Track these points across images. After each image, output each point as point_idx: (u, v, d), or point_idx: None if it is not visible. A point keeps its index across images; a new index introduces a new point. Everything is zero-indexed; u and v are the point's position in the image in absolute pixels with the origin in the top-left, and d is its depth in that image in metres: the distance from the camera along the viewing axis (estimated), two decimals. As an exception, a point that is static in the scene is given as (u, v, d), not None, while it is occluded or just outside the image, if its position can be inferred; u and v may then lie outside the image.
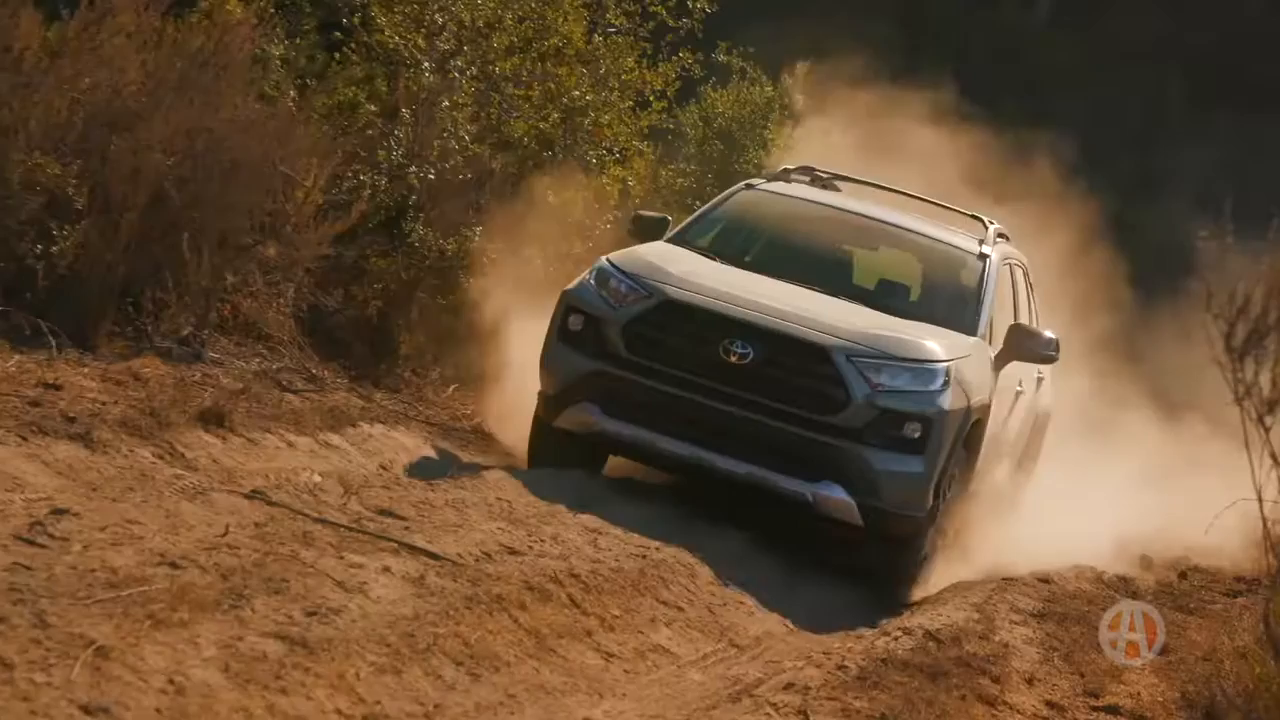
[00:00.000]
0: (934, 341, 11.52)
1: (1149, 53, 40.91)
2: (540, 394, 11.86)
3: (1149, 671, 9.73)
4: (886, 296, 12.70)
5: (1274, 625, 6.23)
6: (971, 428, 11.59)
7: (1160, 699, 9.14)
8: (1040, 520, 13.99)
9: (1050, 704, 8.68)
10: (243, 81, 13.23)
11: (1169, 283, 18.31)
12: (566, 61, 16.36)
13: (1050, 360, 12.93)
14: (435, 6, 14.72)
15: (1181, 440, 17.25)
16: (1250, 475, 6.04)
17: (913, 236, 13.51)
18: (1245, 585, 13.00)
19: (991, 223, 13.62)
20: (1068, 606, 11.15)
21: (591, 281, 11.69)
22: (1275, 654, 6.24)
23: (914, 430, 10.98)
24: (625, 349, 11.33)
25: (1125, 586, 12.57)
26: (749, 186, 13.77)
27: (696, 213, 13.53)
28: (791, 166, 14.19)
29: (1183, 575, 13.58)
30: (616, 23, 17.21)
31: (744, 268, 12.39)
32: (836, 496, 11.10)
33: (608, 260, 11.82)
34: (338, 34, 15.02)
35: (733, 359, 11.05)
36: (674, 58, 18.15)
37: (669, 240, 12.76)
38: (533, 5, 15.91)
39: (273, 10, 14.77)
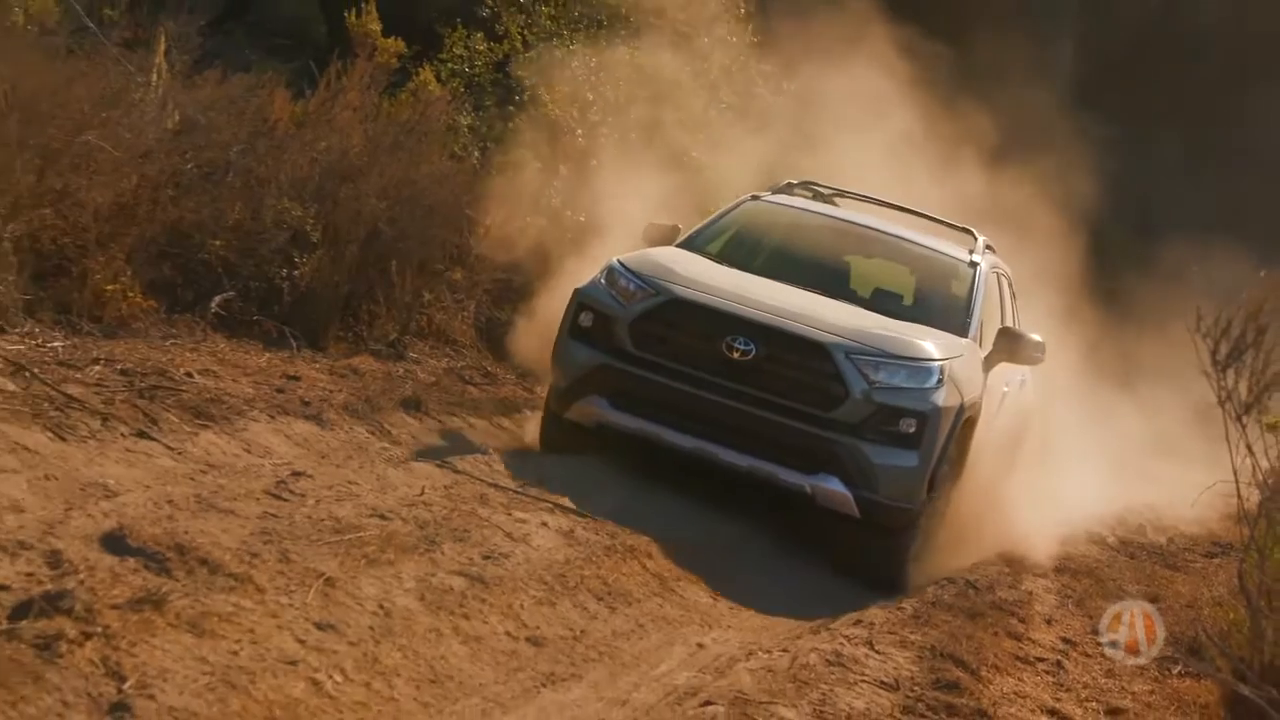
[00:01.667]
0: (929, 341, 9.94)
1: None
2: (551, 387, 10.38)
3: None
4: (883, 300, 11.13)
5: (1246, 581, 6.15)
6: (963, 424, 9.95)
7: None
8: (1052, 499, 12.61)
9: (1064, 639, 8.60)
10: (439, 144, 13.41)
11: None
12: (689, 129, 16.22)
13: (1036, 362, 11.13)
14: (586, 87, 14.74)
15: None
16: (1230, 462, 6.00)
17: (908, 246, 11.77)
18: (1220, 549, 12.79)
19: (980, 235, 11.99)
20: (1079, 564, 11.02)
21: (602, 281, 10.11)
22: (1247, 603, 6.17)
23: (909, 426, 9.44)
24: (633, 345, 9.74)
25: (1125, 549, 12.39)
26: (754, 198, 11.96)
27: (704, 221, 11.78)
28: (795, 181, 12.47)
29: (1170, 540, 13.36)
30: (726, 100, 17.00)
31: (748, 271, 10.74)
32: (834, 489, 9.44)
33: (618, 261, 10.24)
34: (511, 108, 15.08)
35: (735, 355, 9.49)
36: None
37: (678, 246, 11.12)
38: (663, 86, 15.87)
39: (462, 90, 14.93)
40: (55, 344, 8.48)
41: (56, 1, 10.77)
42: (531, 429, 10.99)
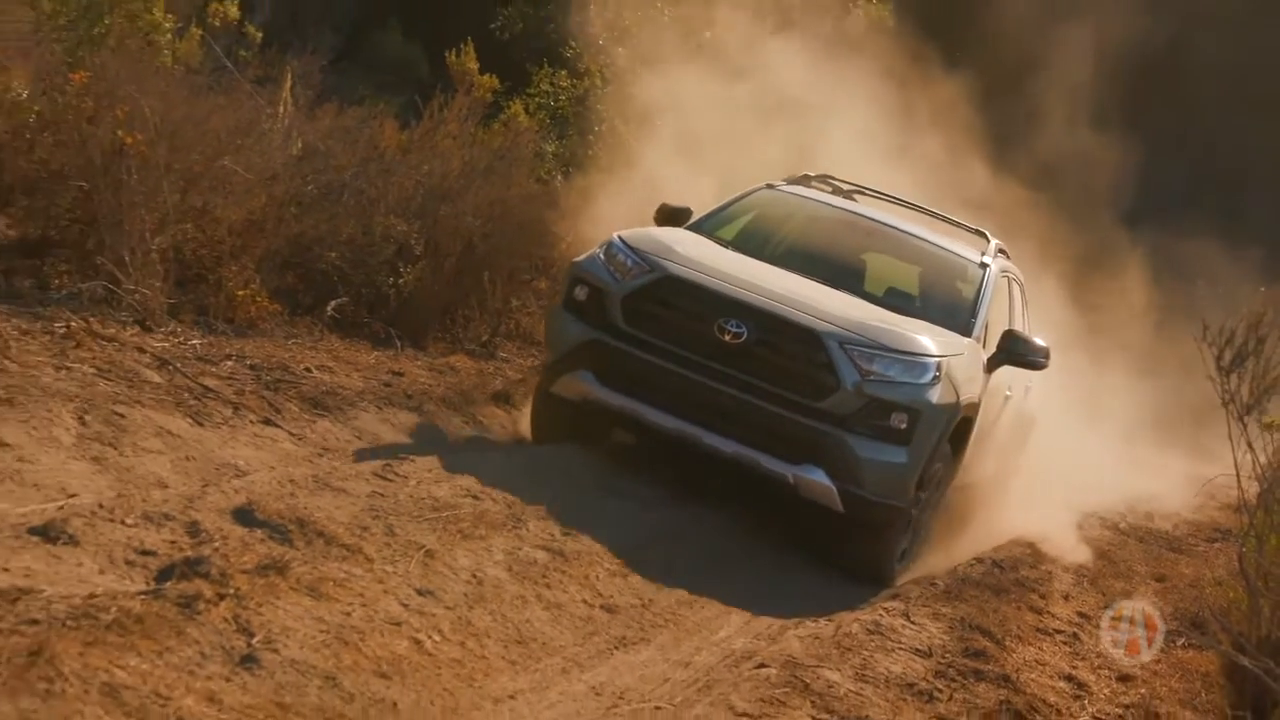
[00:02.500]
0: (928, 337, 8.61)
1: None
2: (544, 362, 9.31)
3: (1151, 594, 9.54)
4: (888, 295, 9.68)
5: (1245, 564, 6.09)
6: (959, 424, 8.72)
7: (1160, 613, 8.96)
8: (1069, 489, 12.18)
9: (1080, 614, 8.53)
10: (527, 169, 13.45)
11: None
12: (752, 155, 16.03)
13: (1040, 367, 9.58)
14: (657, 118, 14.75)
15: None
16: (1232, 457, 5.96)
17: (919, 243, 10.28)
18: (1220, 535, 12.64)
19: (993, 239, 10.54)
20: (1093, 547, 10.92)
21: (600, 255, 8.78)
22: (1245, 584, 6.11)
23: (901, 421, 8.17)
24: (624, 321, 8.42)
25: (1135, 533, 12.27)
26: (769, 187, 10.49)
27: (716, 206, 10.29)
28: (812, 174, 10.90)
29: (1175, 527, 13.22)
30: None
31: (753, 256, 9.40)
32: (818, 480, 8.15)
33: (618, 236, 8.91)
34: (591, 136, 15.12)
35: (727, 338, 8.20)
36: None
37: (686, 228, 9.76)
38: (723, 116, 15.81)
39: (548, 120, 14.99)
40: (194, 342, 8.57)
41: (199, 45, 10.90)
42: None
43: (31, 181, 8.47)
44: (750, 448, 8.22)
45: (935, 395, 8.31)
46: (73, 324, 7.78)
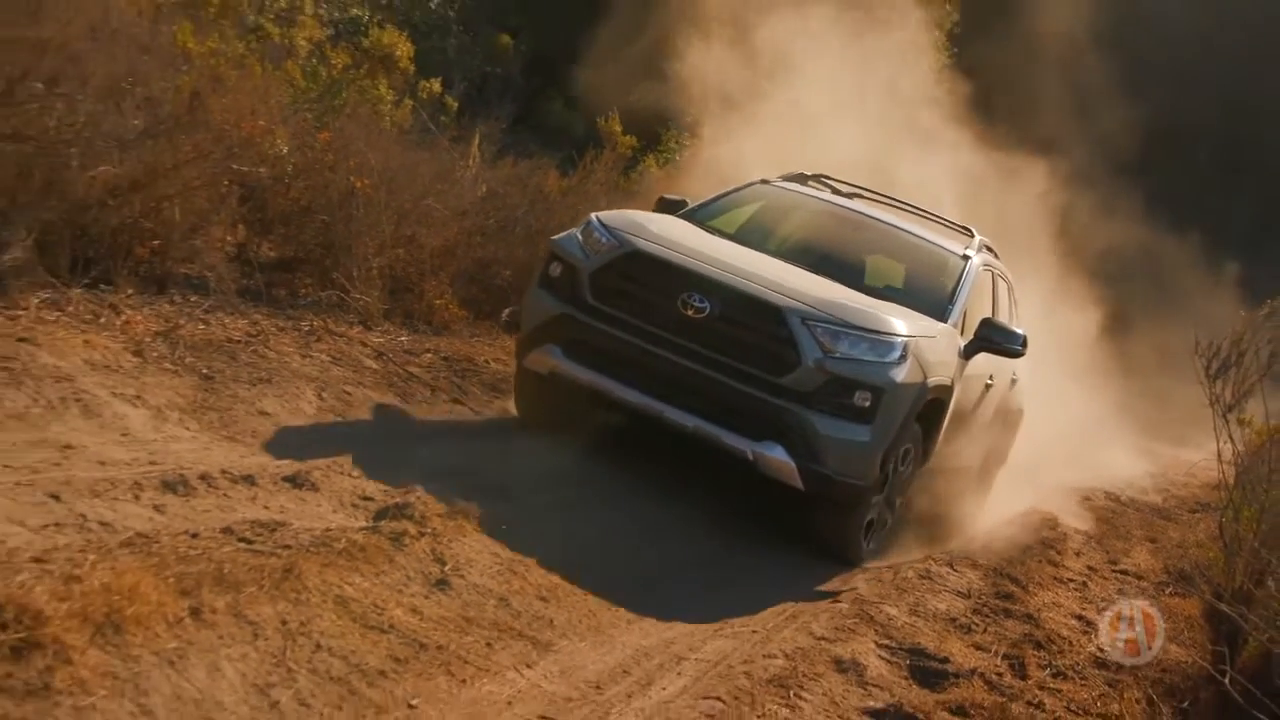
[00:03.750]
0: (896, 318, 6.89)
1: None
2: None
3: (1145, 553, 9.30)
4: (866, 279, 7.93)
5: (1224, 530, 5.93)
6: (927, 405, 7.02)
7: (1152, 567, 8.72)
8: (1072, 469, 11.58)
9: (1089, 568, 8.33)
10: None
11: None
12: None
13: (1015, 354, 7.80)
14: (754, 169, 14.58)
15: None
16: (1216, 446, 5.81)
17: (903, 235, 8.39)
18: (1202, 507, 12.26)
19: (978, 235, 8.70)
20: (1099, 514, 10.68)
21: (578, 233, 7.18)
22: (1223, 545, 5.95)
23: (864, 399, 6.52)
24: (591, 296, 6.82)
25: (1132, 505, 11.94)
26: (764, 182, 8.69)
27: (710, 196, 8.55)
28: (809, 174, 8.99)
29: (1165, 500, 12.87)
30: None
31: (731, 240, 7.75)
32: (777, 457, 6.52)
33: (595, 215, 7.28)
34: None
35: (689, 312, 6.57)
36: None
37: (679, 215, 8.08)
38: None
39: (674, 170, 14.98)
40: (402, 338, 8.70)
41: (411, 112, 11.08)
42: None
43: (287, 215, 8.68)
44: (711, 423, 6.60)
45: (900, 374, 6.64)
46: (314, 323, 7.95)
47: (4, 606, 3.48)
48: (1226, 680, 4.58)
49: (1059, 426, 11.36)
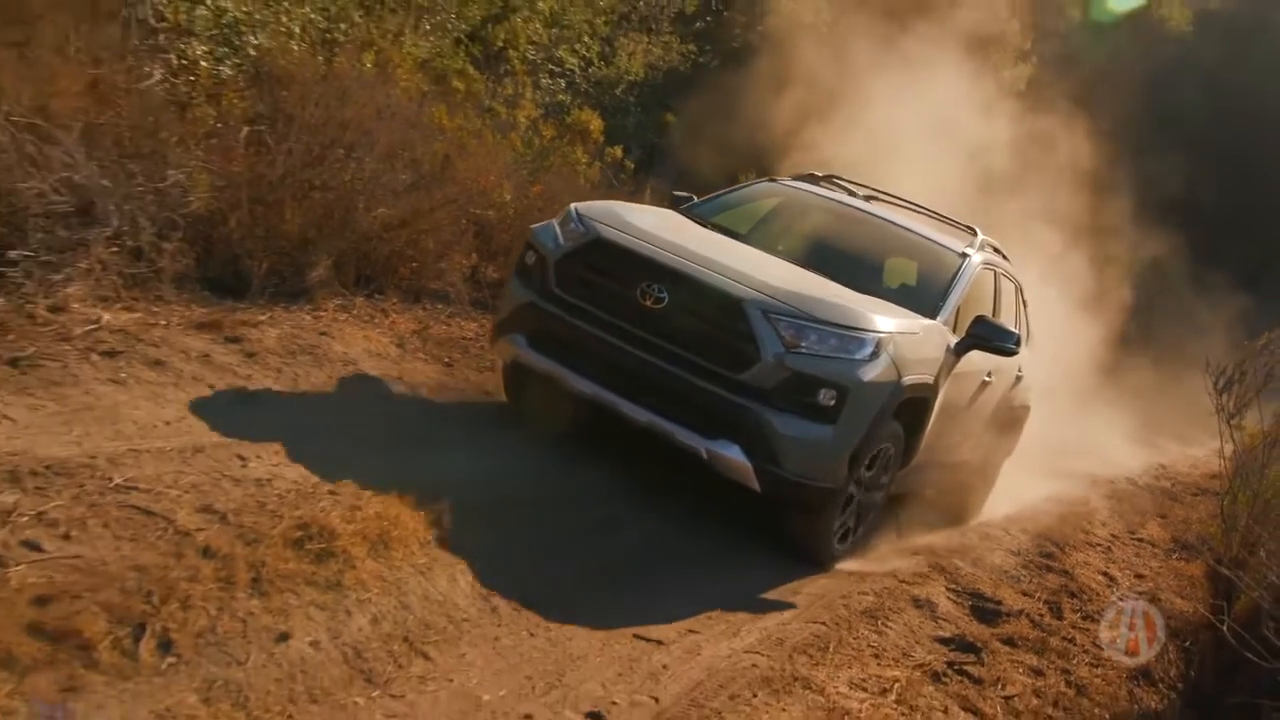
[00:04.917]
0: (873, 312, 5.01)
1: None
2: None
3: (1157, 526, 8.79)
4: (854, 274, 5.64)
5: (1225, 510, 5.57)
6: (906, 403, 5.09)
7: (1162, 537, 8.24)
8: (1093, 460, 10.57)
9: (1112, 535, 7.92)
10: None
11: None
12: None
13: (1008, 353, 5.66)
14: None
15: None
16: (1219, 443, 5.48)
17: (902, 232, 6.27)
18: (1203, 491, 11.50)
19: (981, 234, 6.51)
20: (1120, 493, 10.11)
21: (555, 223, 5.34)
22: (1223, 521, 5.59)
23: (829, 398, 4.70)
24: (556, 284, 5.08)
25: (1145, 488, 11.23)
26: (771, 180, 6.84)
27: (716, 192, 6.76)
28: (819, 173, 6.95)
29: (1173, 485, 12.10)
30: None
31: (725, 234, 5.84)
32: (733, 457, 4.71)
33: (574, 205, 5.41)
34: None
35: (648, 302, 4.83)
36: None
37: (680, 210, 6.27)
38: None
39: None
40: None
41: (599, 170, 11.22)
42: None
43: (508, 246, 8.85)
44: (666, 419, 4.82)
45: (870, 372, 4.80)
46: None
47: (310, 524, 3.67)
48: (1225, 627, 4.34)
49: (1082, 424, 10.85)
